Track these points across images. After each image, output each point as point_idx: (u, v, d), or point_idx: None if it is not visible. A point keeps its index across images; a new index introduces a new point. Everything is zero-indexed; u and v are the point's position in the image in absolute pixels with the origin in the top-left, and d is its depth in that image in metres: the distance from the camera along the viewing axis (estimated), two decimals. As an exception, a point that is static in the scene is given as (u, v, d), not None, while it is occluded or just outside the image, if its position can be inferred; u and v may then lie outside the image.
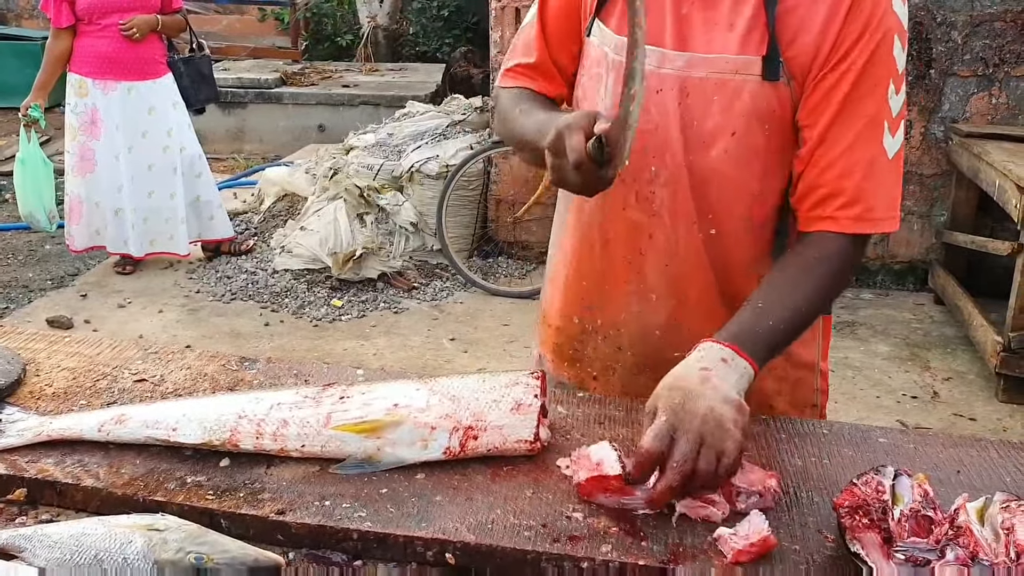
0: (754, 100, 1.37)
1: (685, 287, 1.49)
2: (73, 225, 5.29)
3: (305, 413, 1.30)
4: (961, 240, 4.94)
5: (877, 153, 1.36)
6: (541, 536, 1.14)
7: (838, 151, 1.36)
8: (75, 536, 1.09)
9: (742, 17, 1.36)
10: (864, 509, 1.12)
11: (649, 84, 1.36)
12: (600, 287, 1.56)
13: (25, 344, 1.64)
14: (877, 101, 1.35)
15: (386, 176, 5.60)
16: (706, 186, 1.42)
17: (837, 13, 1.33)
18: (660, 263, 1.49)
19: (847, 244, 1.38)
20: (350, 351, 4.60)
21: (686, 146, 1.41)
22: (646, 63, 1.23)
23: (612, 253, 1.53)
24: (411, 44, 11.01)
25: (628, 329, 1.55)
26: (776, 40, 1.34)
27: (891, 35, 1.34)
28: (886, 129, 1.36)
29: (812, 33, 1.34)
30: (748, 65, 1.36)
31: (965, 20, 4.97)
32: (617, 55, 1.42)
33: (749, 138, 1.39)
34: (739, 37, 1.36)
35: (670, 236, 1.47)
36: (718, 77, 1.37)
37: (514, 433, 1.29)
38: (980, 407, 4.14)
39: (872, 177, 1.36)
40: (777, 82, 1.36)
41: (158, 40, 5.22)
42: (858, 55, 1.33)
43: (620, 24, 1.43)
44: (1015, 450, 1.38)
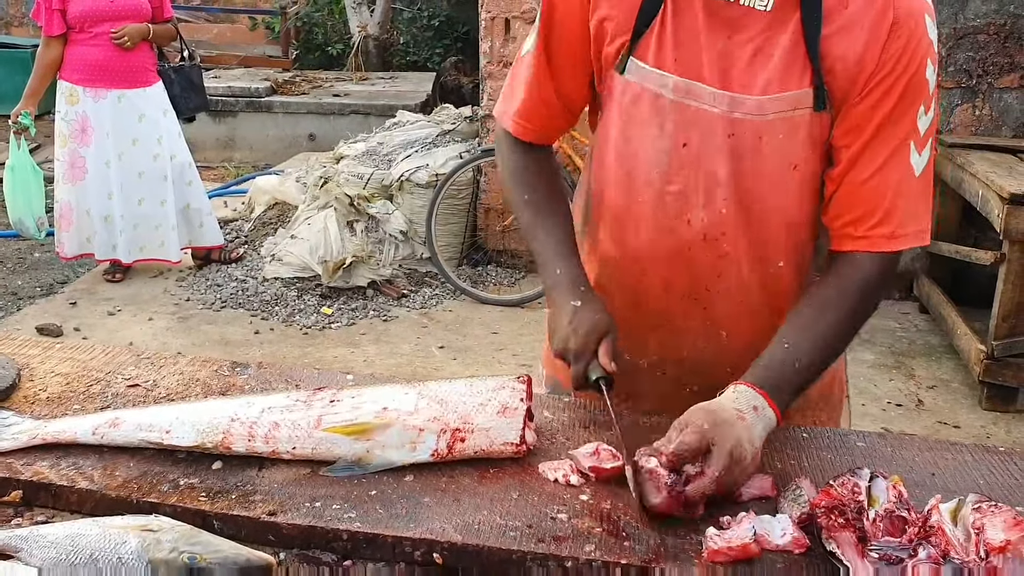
0: (809, 132, 1.38)
1: (756, 321, 1.49)
2: (63, 232, 5.29)
3: (296, 416, 1.33)
4: (945, 249, 4.99)
5: (907, 172, 1.37)
6: (526, 536, 1.17)
7: (870, 172, 1.37)
8: (71, 536, 1.11)
9: (780, 47, 1.35)
10: (840, 509, 1.15)
11: (719, 127, 1.38)
12: (658, 326, 1.54)
13: (19, 350, 1.66)
14: (909, 123, 1.36)
15: (376, 185, 5.63)
16: (772, 221, 1.43)
17: (878, 39, 1.32)
18: (734, 301, 1.49)
19: (879, 263, 1.41)
20: (340, 358, 4.62)
21: (756, 185, 1.41)
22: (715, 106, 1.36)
23: (674, 292, 1.51)
24: (401, 54, 11.06)
25: (692, 365, 1.54)
26: (820, 70, 1.34)
27: (926, 59, 1.34)
28: (913, 148, 1.37)
29: (853, 59, 1.33)
30: (802, 99, 1.36)
31: (949, 33, 5.03)
32: (678, 96, 1.39)
33: (807, 169, 1.40)
34: (780, 69, 1.35)
35: (742, 275, 1.47)
36: (780, 115, 1.37)
37: (500, 436, 1.31)
38: (964, 415, 4.18)
39: (902, 196, 1.38)
40: (824, 112, 1.37)
41: (149, 49, 5.24)
42: (896, 79, 1.33)
43: (661, 57, 1.40)
44: (989, 453, 1.42)
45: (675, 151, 1.42)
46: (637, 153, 1.45)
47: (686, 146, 1.41)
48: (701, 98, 1.38)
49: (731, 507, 1.24)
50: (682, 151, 1.41)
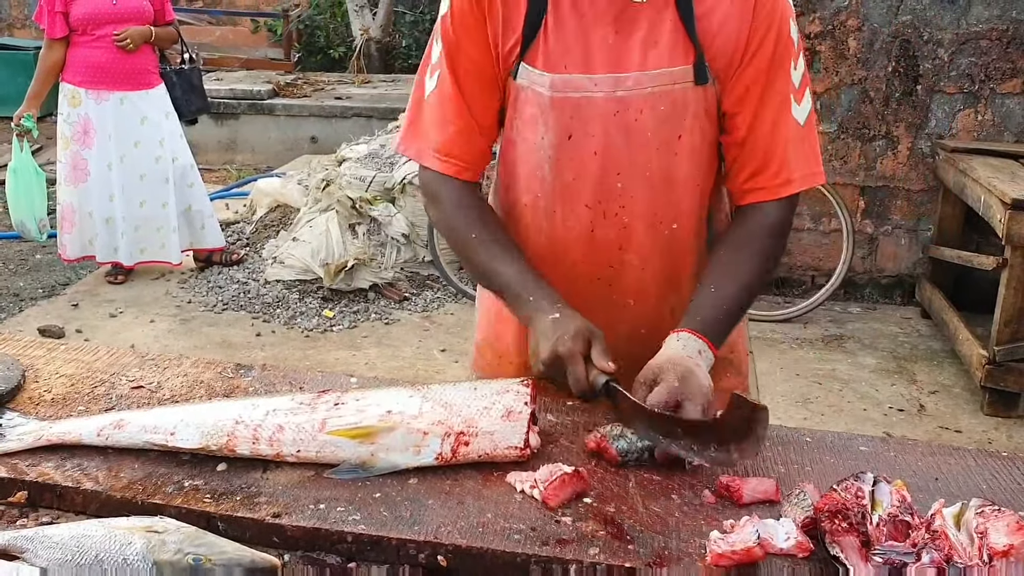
0: (692, 104, 1.50)
1: (662, 283, 1.62)
2: (65, 234, 5.30)
3: (300, 419, 1.33)
4: (947, 255, 4.99)
5: (791, 124, 1.53)
6: (530, 539, 1.17)
7: (763, 131, 1.52)
8: (76, 537, 1.11)
9: (663, 32, 1.47)
10: (844, 513, 1.15)
11: (605, 109, 1.50)
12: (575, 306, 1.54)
13: (24, 351, 1.67)
14: (784, 80, 1.51)
15: (378, 188, 5.64)
16: (665, 189, 1.55)
17: (746, 11, 1.47)
18: (636, 269, 1.60)
19: (778, 209, 1.56)
20: (341, 361, 4.62)
21: (645, 157, 1.53)
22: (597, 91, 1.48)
23: (579, 274, 1.61)
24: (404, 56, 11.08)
25: (613, 339, 1.54)
26: (699, 45, 1.47)
27: (787, 19, 1.50)
28: (792, 102, 1.52)
29: (729, 34, 1.48)
30: (683, 74, 1.49)
31: (951, 38, 5.04)
32: (558, 92, 1.50)
33: (693, 138, 1.53)
34: (666, 51, 1.48)
35: (641, 242, 1.58)
36: (661, 89, 1.49)
37: (504, 440, 1.32)
38: (966, 420, 4.18)
39: (790, 145, 1.53)
40: (706, 84, 1.49)
41: (151, 51, 5.25)
42: (768, 45, 1.48)
43: (549, 62, 1.50)
44: (992, 458, 1.42)
45: (562, 145, 1.53)
46: (531, 151, 1.57)
47: (571, 138, 1.53)
48: (583, 87, 1.50)
49: (735, 511, 1.24)
50: (568, 143, 1.53)
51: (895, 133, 5.21)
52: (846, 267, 5.19)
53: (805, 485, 1.25)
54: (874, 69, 5.13)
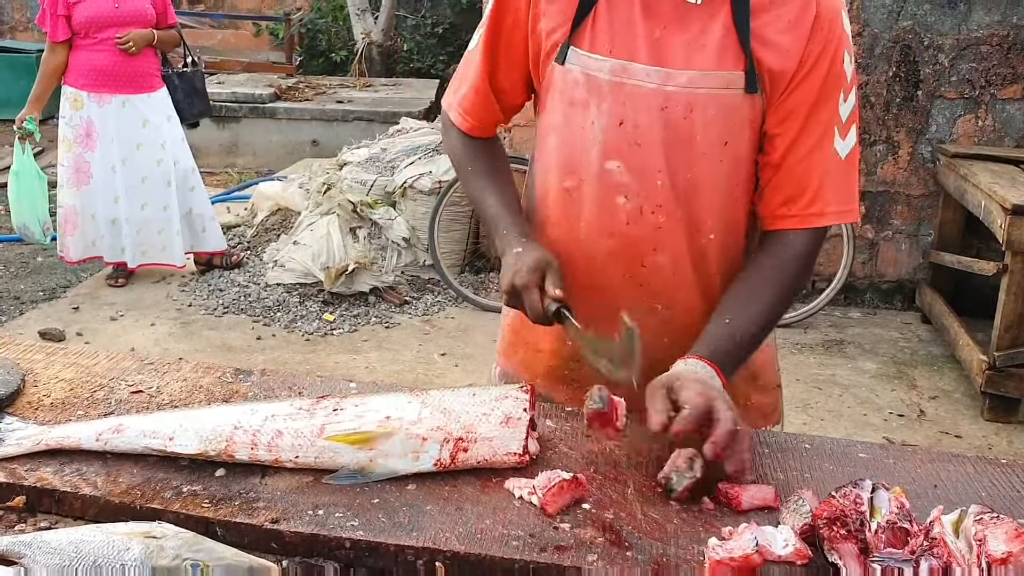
0: (741, 111, 1.47)
1: (693, 294, 1.57)
2: (68, 237, 5.30)
3: (299, 424, 1.33)
4: (948, 260, 4.99)
5: (832, 155, 1.49)
6: (529, 546, 1.17)
7: (799, 156, 1.49)
8: (74, 543, 1.11)
9: (713, 36, 1.45)
10: (842, 520, 1.15)
11: (655, 102, 1.47)
12: (597, 305, 1.55)
13: (23, 355, 1.67)
14: (831, 110, 1.48)
15: (379, 191, 5.64)
16: (704, 195, 1.51)
17: (802, 33, 1.44)
18: (667, 274, 1.56)
19: (801, 242, 1.52)
20: (341, 365, 4.62)
21: (691, 158, 1.49)
22: (648, 81, 1.46)
23: (610, 270, 1.57)
24: (405, 60, 11.08)
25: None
26: (751, 55, 1.44)
27: (843, 49, 1.47)
28: (836, 134, 1.49)
29: (780, 51, 1.45)
30: (735, 80, 1.45)
31: (952, 43, 5.04)
32: (615, 76, 1.48)
33: (738, 147, 1.50)
34: (714, 55, 1.45)
35: (676, 246, 1.54)
36: (712, 92, 1.46)
37: (503, 446, 1.32)
38: (966, 425, 4.18)
39: (828, 177, 1.50)
40: (755, 94, 1.46)
41: (153, 54, 5.26)
42: (820, 71, 1.46)
43: (596, 45, 1.49)
44: (991, 465, 1.42)
45: (611, 129, 1.50)
46: (577, 134, 1.54)
47: (622, 124, 1.50)
48: (636, 75, 1.48)
49: (733, 517, 1.24)
50: (618, 129, 1.50)
51: (896, 138, 5.21)
52: (846, 272, 5.19)
53: (804, 492, 1.25)
54: (875, 74, 5.13)
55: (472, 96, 1.66)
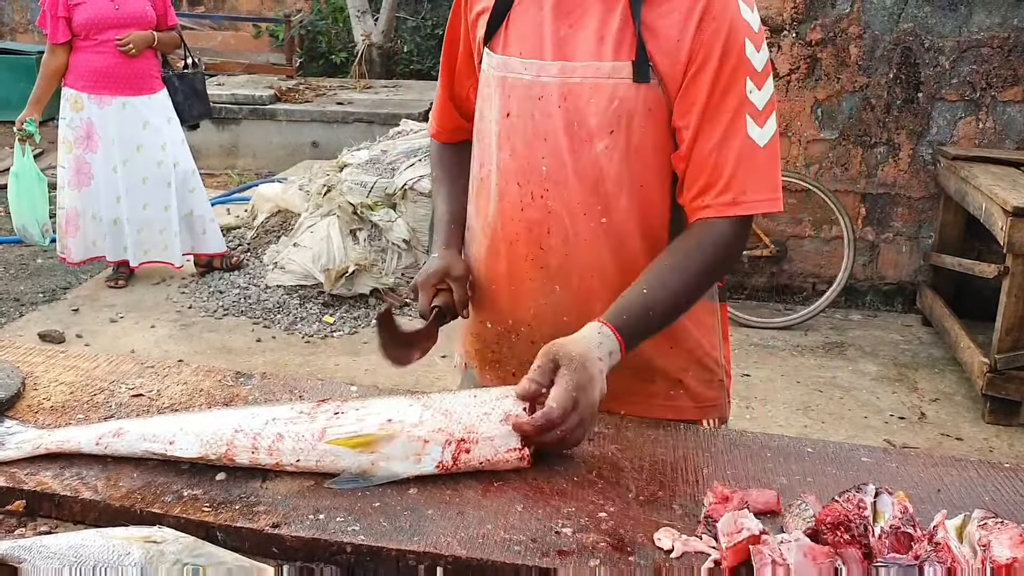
0: (627, 101, 1.50)
1: (587, 274, 1.61)
2: (69, 238, 5.30)
3: (300, 428, 1.32)
4: (948, 262, 4.99)
5: (745, 143, 1.49)
6: (531, 550, 1.17)
7: (709, 147, 1.50)
8: (74, 547, 1.11)
9: (611, 28, 1.50)
10: (845, 525, 1.15)
11: (532, 92, 1.56)
12: (507, 288, 1.68)
13: (23, 358, 1.66)
14: (737, 98, 1.48)
15: (379, 193, 5.64)
16: (593, 180, 1.55)
17: (690, 22, 1.47)
18: (560, 255, 1.60)
19: (724, 229, 1.52)
20: (342, 367, 4.62)
21: (570, 145, 1.55)
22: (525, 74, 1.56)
23: (515, 253, 1.64)
24: (405, 62, 11.08)
25: (539, 324, 1.65)
26: (644, 45, 1.48)
27: (740, 38, 1.48)
28: (750, 121, 1.49)
29: (671, 40, 1.48)
30: (618, 69, 1.50)
31: (952, 45, 5.04)
32: (498, 71, 1.60)
33: (626, 135, 1.52)
34: (612, 46, 1.50)
35: (567, 229, 1.59)
36: (592, 81, 1.51)
37: (504, 443, 1.31)
38: (967, 428, 4.18)
39: (742, 165, 1.49)
40: (648, 83, 1.49)
41: (154, 56, 5.26)
42: (713, 60, 1.47)
43: (508, 47, 1.59)
44: (995, 470, 1.42)
45: (503, 121, 1.60)
46: (485, 127, 1.65)
47: (508, 115, 1.59)
48: (514, 69, 1.57)
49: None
50: (506, 120, 1.60)
51: (896, 140, 5.21)
52: (847, 274, 5.19)
53: (807, 496, 1.25)
54: (875, 76, 5.13)
55: (438, 104, 1.83)
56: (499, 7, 1.60)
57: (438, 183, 1.84)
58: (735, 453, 1.44)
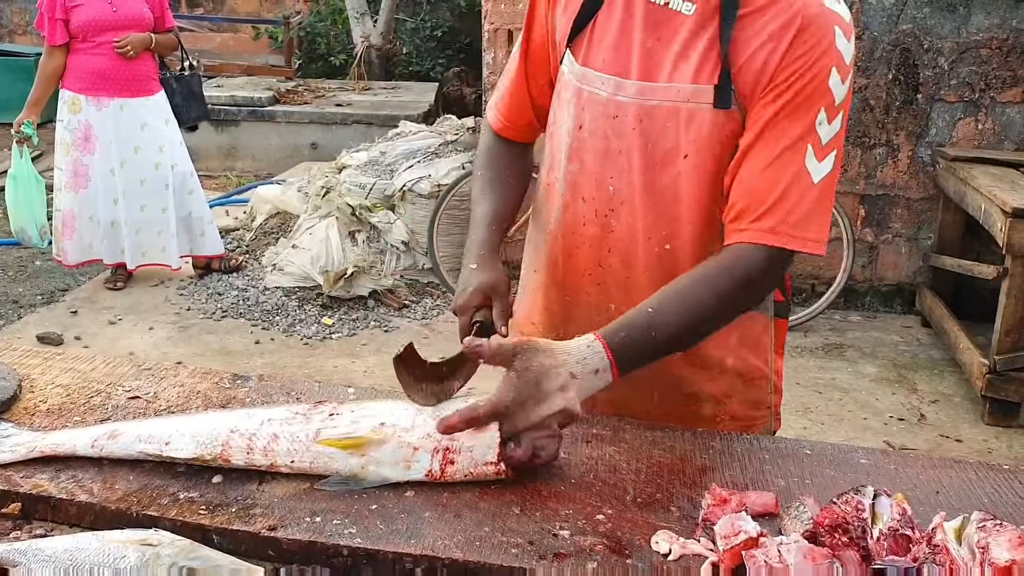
0: (706, 126, 1.44)
1: (640, 299, 1.51)
2: (66, 240, 5.29)
3: (295, 429, 1.32)
4: (948, 263, 4.99)
5: (800, 173, 1.39)
6: (528, 553, 1.16)
7: (759, 167, 1.40)
8: (69, 550, 1.10)
9: (697, 48, 1.43)
10: (844, 527, 1.14)
11: (607, 109, 1.50)
12: (563, 298, 1.64)
13: (20, 360, 1.66)
14: (805, 125, 1.39)
15: (378, 195, 5.63)
16: (661, 205, 1.50)
17: (780, 43, 1.39)
18: (619, 276, 1.57)
19: (757, 257, 1.41)
20: (340, 369, 4.61)
21: (642, 167, 1.49)
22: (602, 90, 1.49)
23: (574, 266, 1.61)
24: (404, 64, 11.08)
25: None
26: (728, 69, 1.41)
27: (828, 67, 1.39)
28: (811, 153, 1.39)
29: (757, 62, 1.40)
30: (700, 94, 1.43)
31: (952, 46, 5.04)
32: (577, 82, 1.54)
33: (701, 161, 1.45)
34: (694, 68, 1.43)
35: (628, 251, 1.54)
36: (671, 105, 1.45)
37: (481, 456, 1.29)
38: (966, 429, 4.18)
39: (791, 195, 1.39)
40: (730, 109, 1.42)
41: (151, 58, 5.25)
42: (795, 79, 1.38)
43: (589, 56, 1.53)
44: (993, 471, 1.41)
45: (575, 132, 1.55)
46: (558, 133, 1.60)
47: (581, 128, 1.54)
48: (592, 83, 1.51)
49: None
50: (578, 132, 1.55)
51: (895, 141, 5.21)
52: (846, 275, 5.19)
53: (805, 498, 1.24)
54: (874, 77, 5.13)
55: (507, 97, 1.72)
56: (587, 7, 1.52)
57: (485, 183, 1.70)
58: (733, 455, 1.43)
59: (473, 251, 1.60)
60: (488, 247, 1.60)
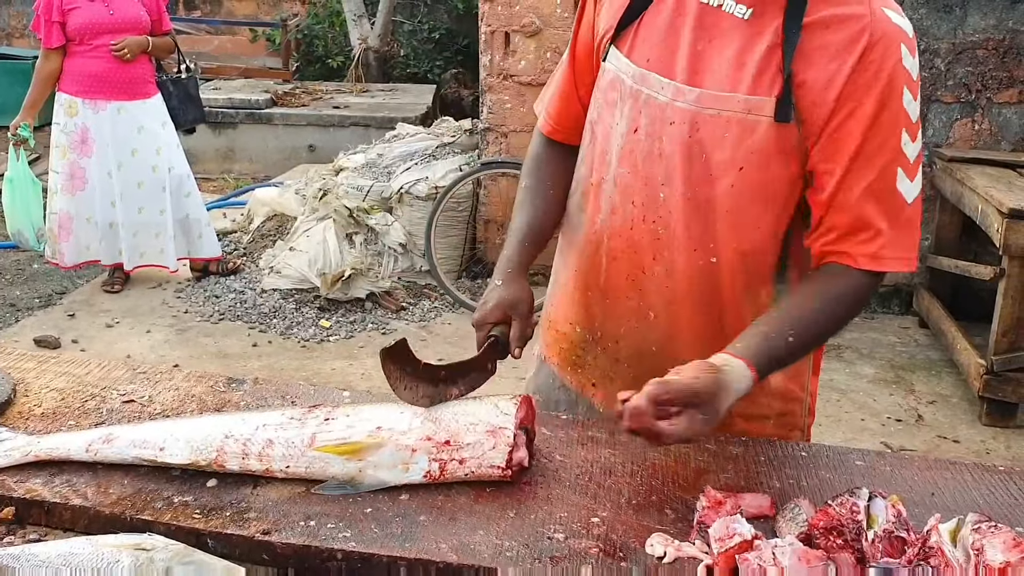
0: (764, 140, 1.39)
1: (681, 309, 1.53)
2: (62, 242, 5.29)
3: (290, 434, 1.32)
4: (945, 264, 4.99)
5: (895, 197, 1.39)
6: (523, 556, 1.16)
7: (858, 193, 1.39)
8: (63, 555, 1.10)
9: (755, 55, 1.39)
10: (839, 530, 1.14)
11: (665, 114, 1.46)
12: (603, 300, 1.60)
13: (15, 364, 1.66)
14: (892, 149, 1.37)
15: (375, 197, 5.63)
16: (711, 217, 1.46)
17: (848, 61, 1.35)
18: (661, 284, 1.53)
19: (860, 279, 1.42)
20: (338, 371, 4.61)
21: (694, 177, 1.45)
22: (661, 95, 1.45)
23: (617, 269, 1.57)
24: (402, 66, 11.07)
25: (626, 343, 1.59)
26: (791, 82, 1.36)
27: (900, 86, 1.36)
28: (902, 175, 1.39)
29: (821, 79, 1.36)
30: (761, 106, 1.38)
31: (948, 47, 5.04)
32: (635, 84, 1.49)
33: (756, 175, 1.42)
34: (752, 76, 1.38)
35: (673, 259, 1.51)
36: (730, 115, 1.41)
37: (488, 459, 1.30)
38: (964, 430, 4.17)
39: (890, 219, 1.40)
40: (788, 124, 1.38)
41: (148, 61, 5.25)
42: (869, 104, 1.35)
43: (634, 53, 1.50)
44: (988, 473, 1.41)
45: (629, 134, 1.51)
46: (604, 134, 1.56)
47: (636, 131, 1.50)
48: (651, 85, 1.47)
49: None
50: (633, 135, 1.50)
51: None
52: (844, 276, 5.17)
53: (800, 500, 1.25)
54: (871, 78, 5.13)
55: (557, 99, 1.70)
56: (635, 4, 1.49)
57: (525, 193, 1.69)
58: (728, 457, 1.43)
59: (501, 267, 1.59)
60: (516, 264, 1.59)
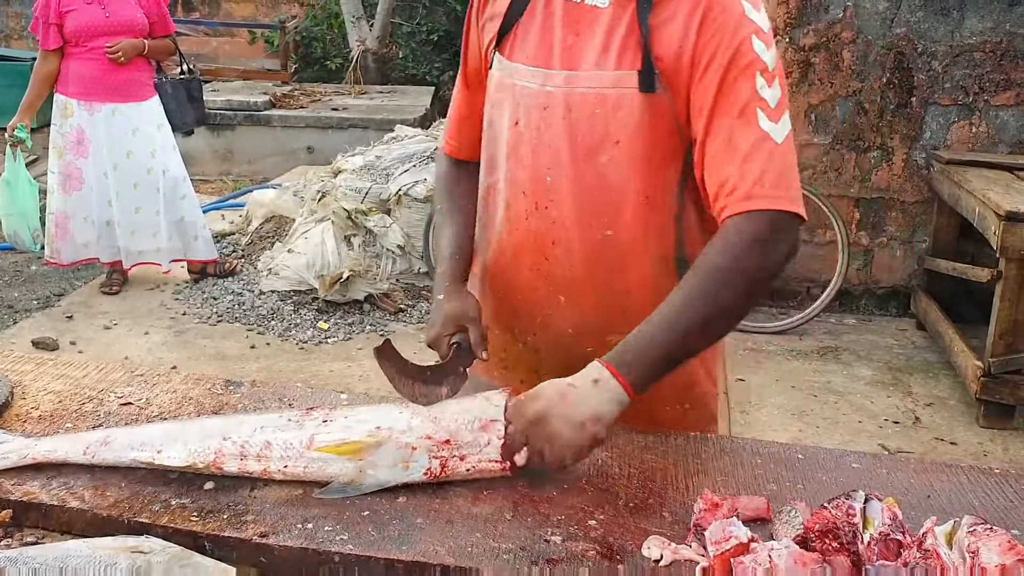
0: (635, 112, 1.47)
1: (587, 287, 1.58)
2: (59, 242, 5.28)
3: (288, 435, 1.32)
4: (942, 266, 4.99)
5: (758, 136, 1.40)
6: (520, 559, 1.16)
7: (720, 147, 1.42)
8: (60, 558, 1.10)
9: (616, 37, 1.47)
10: (834, 532, 1.14)
11: (538, 101, 1.53)
12: (512, 295, 1.66)
13: (12, 366, 1.66)
14: (747, 92, 1.41)
15: (374, 199, 5.63)
16: (597, 191, 1.52)
17: (691, 26, 1.43)
18: (563, 266, 1.58)
19: (746, 225, 1.39)
20: (336, 373, 4.61)
21: (575, 156, 1.52)
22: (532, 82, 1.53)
23: (520, 262, 1.63)
24: (400, 67, 11.08)
25: (543, 333, 1.64)
26: (650, 54, 1.44)
27: (748, 36, 1.42)
28: (762, 116, 1.41)
29: (674, 46, 1.44)
30: (624, 79, 1.47)
31: (945, 50, 5.05)
32: (516, 81, 1.56)
33: (632, 146, 1.48)
34: (616, 55, 1.47)
35: (570, 239, 1.56)
36: (597, 91, 1.49)
37: (485, 454, 1.31)
38: (961, 432, 4.18)
39: (757, 159, 1.40)
40: (655, 93, 1.45)
41: (145, 63, 5.25)
42: (718, 58, 1.41)
43: (515, 54, 1.57)
44: (984, 475, 1.41)
45: (512, 128, 1.58)
46: (495, 134, 1.63)
47: (517, 124, 1.57)
48: (522, 76, 1.55)
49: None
50: (514, 128, 1.58)
51: (890, 145, 5.21)
52: (841, 279, 5.19)
53: (796, 503, 1.25)
54: (868, 81, 5.14)
55: (455, 120, 1.79)
56: (512, 12, 1.58)
57: (443, 215, 1.76)
58: (725, 460, 1.44)
59: (439, 285, 1.64)
60: (451, 278, 1.65)
